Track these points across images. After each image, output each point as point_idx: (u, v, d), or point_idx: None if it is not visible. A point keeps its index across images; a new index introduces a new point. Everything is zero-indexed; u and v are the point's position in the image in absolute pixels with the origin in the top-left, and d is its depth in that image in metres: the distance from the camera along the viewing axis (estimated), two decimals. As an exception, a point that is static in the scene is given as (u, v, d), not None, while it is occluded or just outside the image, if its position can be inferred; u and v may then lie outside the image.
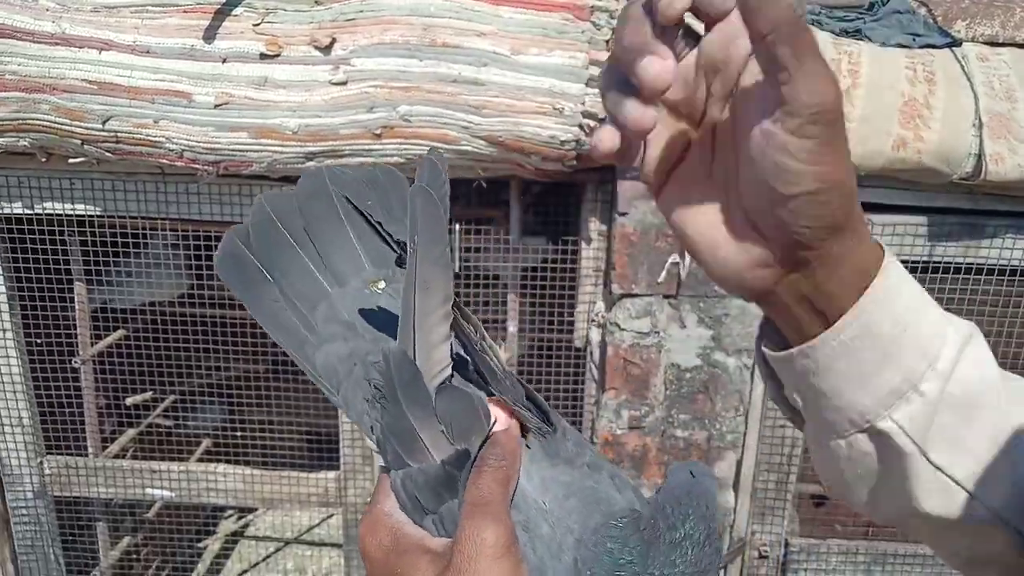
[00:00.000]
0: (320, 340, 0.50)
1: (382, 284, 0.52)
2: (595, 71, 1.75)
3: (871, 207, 1.92)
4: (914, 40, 1.85)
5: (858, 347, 0.49)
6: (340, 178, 0.54)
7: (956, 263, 1.94)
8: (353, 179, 0.54)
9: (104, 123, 1.77)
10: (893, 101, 1.75)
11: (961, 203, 1.90)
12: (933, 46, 1.84)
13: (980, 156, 1.74)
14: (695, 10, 0.44)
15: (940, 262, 1.94)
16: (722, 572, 2.28)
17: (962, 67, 1.79)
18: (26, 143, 1.85)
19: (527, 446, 0.48)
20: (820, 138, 0.44)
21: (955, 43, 1.86)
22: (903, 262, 0.50)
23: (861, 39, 1.87)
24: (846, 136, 0.46)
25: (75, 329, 2.27)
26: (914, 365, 0.50)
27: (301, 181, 0.53)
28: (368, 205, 0.53)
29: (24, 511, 2.37)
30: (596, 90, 1.75)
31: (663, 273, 1.97)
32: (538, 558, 0.45)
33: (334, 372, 0.50)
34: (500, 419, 0.46)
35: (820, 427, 0.54)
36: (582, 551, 0.45)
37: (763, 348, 0.55)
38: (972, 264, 1.94)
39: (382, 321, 0.51)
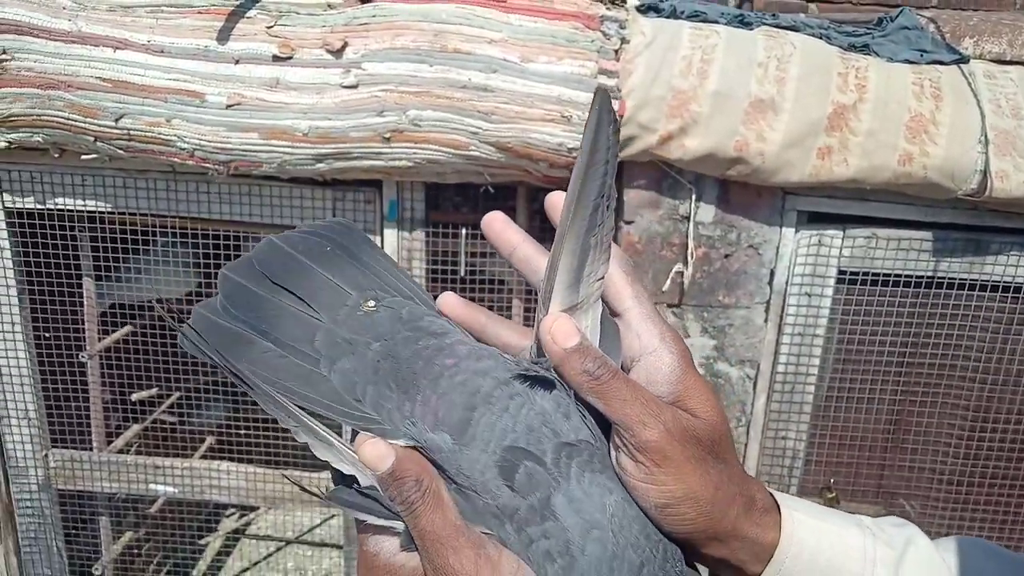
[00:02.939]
0: (331, 361, 0.50)
1: (372, 303, 0.52)
2: (604, 80, 1.76)
3: (876, 221, 1.93)
4: (921, 56, 1.86)
5: None
6: (289, 237, 0.55)
7: (960, 279, 1.94)
8: (301, 236, 0.55)
9: (117, 121, 1.79)
10: (899, 116, 1.76)
11: (966, 219, 1.91)
12: (940, 62, 1.85)
13: (986, 173, 1.74)
14: None
15: (944, 278, 1.94)
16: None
17: (969, 84, 1.80)
18: (40, 139, 1.88)
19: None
20: (652, 463, 0.45)
21: (963, 60, 1.86)
22: (907, 277, 0.49)
23: (869, 54, 1.87)
24: (700, 453, 0.46)
25: (83, 324, 2.29)
26: None
27: (255, 250, 0.54)
28: (326, 250, 0.54)
29: (28, 504, 2.39)
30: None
31: (667, 282, 1.98)
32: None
33: (353, 385, 0.49)
34: (379, 457, 0.44)
35: None
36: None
37: None
38: (976, 281, 1.94)
39: (385, 331, 0.51)
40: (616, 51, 1.79)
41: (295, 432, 0.46)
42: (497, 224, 0.55)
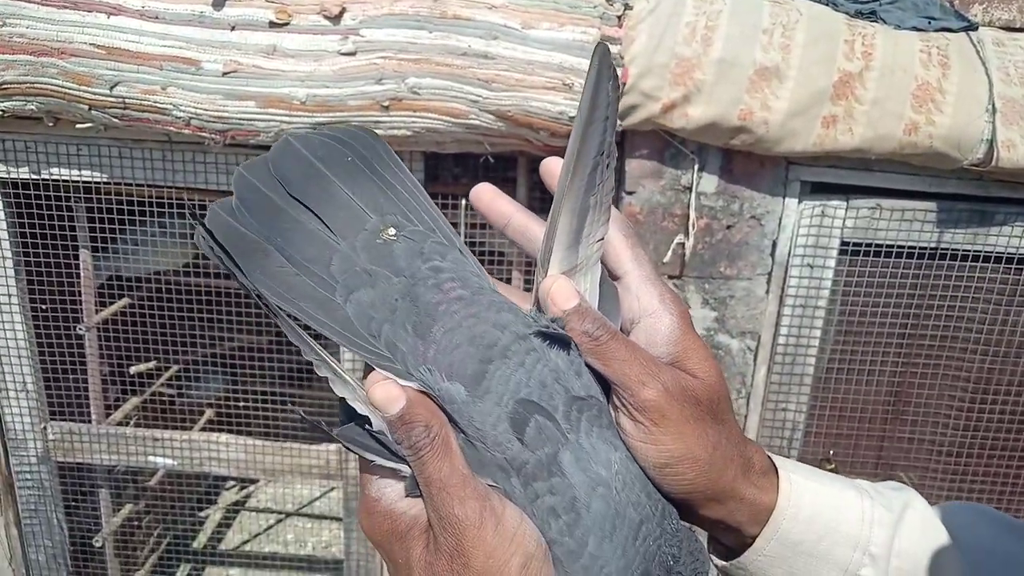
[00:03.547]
0: (347, 290, 0.48)
1: (392, 231, 0.49)
2: (606, 47, 1.74)
3: (880, 191, 1.91)
4: (930, 23, 1.83)
5: (787, 555, 0.51)
6: (308, 140, 0.52)
7: (964, 250, 1.93)
8: (322, 141, 0.52)
9: (112, 89, 1.76)
10: (906, 84, 1.74)
11: (971, 190, 1.89)
12: (949, 30, 1.83)
13: (992, 142, 1.72)
14: None
15: (948, 249, 1.93)
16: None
17: (977, 52, 1.78)
18: (33, 107, 1.85)
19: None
20: (651, 422, 0.45)
21: (971, 27, 1.84)
22: (911, 248, 0.49)
23: (876, 21, 1.85)
24: (698, 413, 0.47)
25: (80, 296, 2.28)
26: (847, 557, 0.52)
27: (273, 150, 0.51)
28: (347, 161, 0.51)
29: (28, 476, 2.39)
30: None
31: (668, 253, 1.96)
32: (577, 538, 0.44)
33: (369, 320, 0.47)
34: (390, 399, 0.44)
35: None
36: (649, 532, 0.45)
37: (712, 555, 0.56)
38: (980, 252, 1.93)
39: (404, 266, 0.49)
40: (619, 17, 1.76)
41: (316, 366, 0.45)
42: (486, 196, 0.54)
